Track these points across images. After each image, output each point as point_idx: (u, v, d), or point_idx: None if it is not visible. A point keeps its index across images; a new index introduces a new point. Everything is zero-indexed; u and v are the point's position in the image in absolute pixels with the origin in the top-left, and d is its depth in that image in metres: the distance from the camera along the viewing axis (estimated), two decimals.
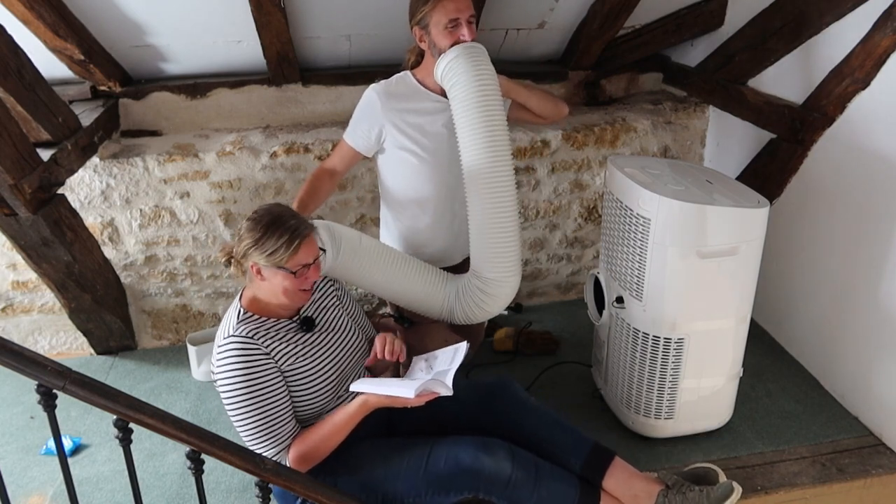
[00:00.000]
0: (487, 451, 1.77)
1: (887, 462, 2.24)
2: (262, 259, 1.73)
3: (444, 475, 1.76)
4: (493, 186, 2.04)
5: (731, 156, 2.96)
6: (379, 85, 2.17)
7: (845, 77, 2.26)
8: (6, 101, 2.03)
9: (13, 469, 2.34)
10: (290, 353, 1.80)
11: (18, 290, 2.87)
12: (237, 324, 1.78)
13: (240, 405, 1.72)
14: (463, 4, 2.00)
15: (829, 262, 2.49)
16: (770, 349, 2.80)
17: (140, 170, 2.71)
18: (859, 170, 2.30)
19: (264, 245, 1.72)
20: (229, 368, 1.73)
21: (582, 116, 3.08)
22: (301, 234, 1.73)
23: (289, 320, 1.86)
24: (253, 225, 1.74)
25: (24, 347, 1.39)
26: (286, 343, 1.81)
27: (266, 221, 1.74)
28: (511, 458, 1.79)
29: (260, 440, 1.74)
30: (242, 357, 1.72)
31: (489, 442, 1.81)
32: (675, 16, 2.96)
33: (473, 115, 2.00)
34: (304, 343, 1.84)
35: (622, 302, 2.24)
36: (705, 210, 2.00)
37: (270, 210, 1.78)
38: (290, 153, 2.79)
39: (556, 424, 1.95)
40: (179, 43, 2.68)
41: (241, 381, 1.72)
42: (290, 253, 1.71)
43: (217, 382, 1.76)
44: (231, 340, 1.75)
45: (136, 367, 2.89)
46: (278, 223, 1.73)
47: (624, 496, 1.89)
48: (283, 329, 1.83)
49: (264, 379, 1.74)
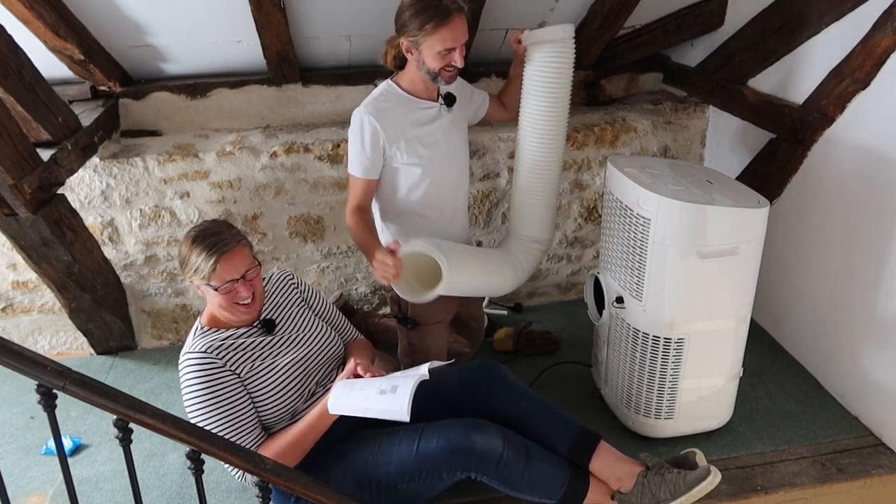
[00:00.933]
0: (478, 430, 1.79)
1: (887, 462, 2.24)
2: (191, 276, 1.78)
3: (435, 456, 1.77)
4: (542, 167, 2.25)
5: (731, 156, 2.96)
6: (368, 106, 2.05)
7: (845, 77, 2.26)
8: (6, 101, 2.03)
9: (13, 469, 2.34)
10: (249, 358, 1.84)
11: (18, 290, 2.87)
12: (192, 340, 1.85)
13: (202, 418, 1.77)
14: (459, 33, 1.95)
15: (828, 263, 2.49)
16: (770, 349, 2.80)
17: (140, 170, 2.71)
18: (859, 170, 2.30)
19: (188, 263, 1.77)
20: (189, 384, 1.78)
21: (582, 116, 3.08)
22: (220, 251, 1.75)
23: (249, 327, 1.89)
24: (182, 242, 1.80)
25: (24, 347, 1.39)
26: (244, 350, 1.85)
27: (191, 238, 1.78)
28: (502, 437, 1.81)
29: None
30: (200, 371, 1.77)
31: (479, 422, 1.83)
32: (675, 16, 2.96)
33: (552, 102, 2.19)
34: (263, 346, 1.88)
35: (622, 302, 2.24)
36: (705, 210, 2.00)
37: (200, 227, 1.82)
38: (290, 153, 2.79)
39: (544, 408, 1.98)
40: (179, 43, 2.68)
41: (201, 394, 1.76)
42: (210, 269, 1.75)
43: (184, 396, 1.80)
44: (188, 357, 1.80)
45: (136, 367, 2.89)
46: (199, 239, 1.77)
47: (609, 478, 1.94)
48: (241, 337, 1.87)
49: (223, 389, 1.78)
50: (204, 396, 1.77)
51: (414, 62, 2.02)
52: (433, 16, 1.89)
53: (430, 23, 1.89)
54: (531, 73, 2.18)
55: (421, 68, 2.01)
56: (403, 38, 1.97)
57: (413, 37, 1.95)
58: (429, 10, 1.89)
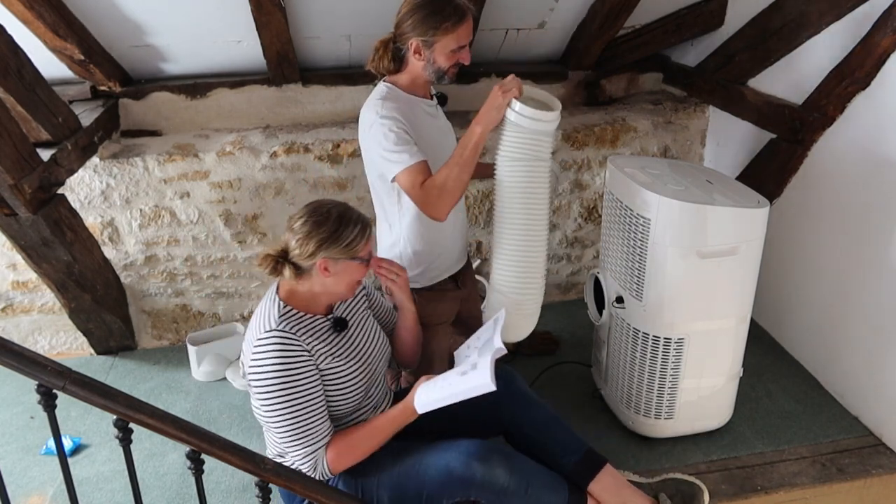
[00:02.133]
0: (480, 458, 1.75)
1: (887, 462, 2.24)
2: (336, 252, 1.71)
3: (434, 483, 1.75)
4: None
5: (731, 156, 2.96)
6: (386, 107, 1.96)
7: (845, 77, 2.26)
8: (6, 101, 2.03)
9: (13, 469, 2.34)
10: (327, 352, 1.77)
11: (18, 290, 2.87)
12: (279, 318, 1.72)
13: (277, 402, 1.67)
14: (470, 29, 1.99)
15: (829, 262, 2.49)
16: (770, 349, 2.80)
17: (140, 170, 2.71)
18: (859, 170, 2.30)
19: (342, 237, 1.70)
20: (269, 363, 1.67)
21: (582, 116, 3.08)
22: (368, 223, 1.77)
23: (324, 317, 1.82)
24: (322, 220, 1.71)
25: (24, 347, 1.39)
26: (323, 342, 1.77)
27: (336, 215, 1.72)
28: (506, 465, 1.76)
29: (297, 438, 1.69)
30: (283, 353, 1.67)
31: (483, 448, 1.77)
32: (675, 16, 2.96)
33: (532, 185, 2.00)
34: (337, 343, 1.81)
35: (622, 302, 2.24)
36: (705, 210, 2.00)
37: (328, 205, 1.75)
38: (290, 153, 2.79)
39: (555, 422, 1.96)
40: (179, 43, 2.68)
41: (280, 377, 1.66)
42: (364, 241, 1.74)
43: (252, 376, 1.69)
44: (274, 335, 1.68)
45: (136, 367, 2.89)
46: (347, 215, 1.74)
47: (610, 502, 1.89)
48: (319, 326, 1.79)
49: (304, 376, 1.69)
50: (284, 379, 1.66)
51: (421, 62, 2.02)
52: (450, 15, 1.92)
53: (447, 21, 1.92)
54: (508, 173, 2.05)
55: (427, 68, 2.01)
56: (415, 38, 1.97)
57: (428, 37, 1.96)
58: (446, 9, 1.92)
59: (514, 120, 1.89)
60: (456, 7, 1.93)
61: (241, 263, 2.94)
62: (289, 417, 1.68)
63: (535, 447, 1.90)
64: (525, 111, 1.88)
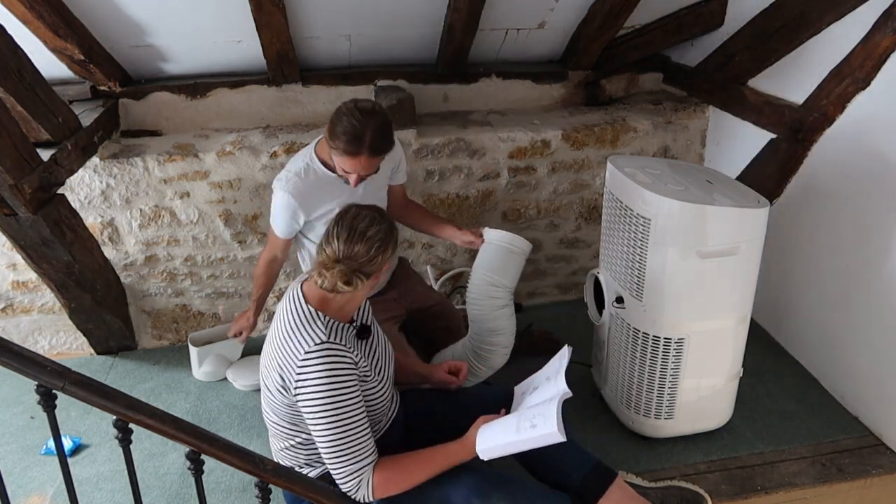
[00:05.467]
0: (481, 495, 1.69)
1: (887, 462, 2.24)
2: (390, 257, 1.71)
3: None
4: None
5: (731, 156, 2.96)
6: (290, 184, 2.08)
7: (845, 77, 2.26)
8: (6, 101, 2.03)
9: (13, 469, 2.34)
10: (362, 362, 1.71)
11: (18, 290, 2.87)
12: (326, 329, 1.64)
13: (330, 418, 1.60)
14: (360, 167, 1.97)
15: (829, 262, 2.49)
16: (770, 349, 2.80)
17: (140, 170, 2.71)
18: (859, 170, 2.30)
19: (396, 239, 1.73)
20: (320, 376, 1.59)
21: (582, 116, 3.08)
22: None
23: (350, 325, 1.76)
24: (389, 226, 1.69)
25: (24, 347, 1.39)
26: (359, 351, 1.72)
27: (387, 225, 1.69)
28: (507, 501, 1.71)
29: (347, 456, 1.62)
30: (335, 365, 1.61)
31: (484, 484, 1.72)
32: (675, 16, 2.96)
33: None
34: (365, 351, 1.76)
35: (622, 302, 2.24)
36: (705, 210, 2.00)
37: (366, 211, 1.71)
38: (290, 153, 2.78)
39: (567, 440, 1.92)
40: (179, 43, 2.68)
41: (331, 390, 1.60)
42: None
43: (304, 391, 1.61)
44: (327, 347, 1.61)
45: (136, 367, 2.89)
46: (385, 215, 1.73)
47: None
48: (350, 335, 1.73)
49: (352, 389, 1.63)
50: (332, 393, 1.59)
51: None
52: (345, 142, 1.92)
53: (338, 140, 1.93)
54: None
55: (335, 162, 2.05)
56: (326, 129, 1.99)
57: (330, 141, 1.97)
58: (346, 134, 1.91)
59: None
60: (353, 138, 1.91)
61: (241, 263, 2.94)
62: (338, 432, 1.61)
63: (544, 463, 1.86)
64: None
